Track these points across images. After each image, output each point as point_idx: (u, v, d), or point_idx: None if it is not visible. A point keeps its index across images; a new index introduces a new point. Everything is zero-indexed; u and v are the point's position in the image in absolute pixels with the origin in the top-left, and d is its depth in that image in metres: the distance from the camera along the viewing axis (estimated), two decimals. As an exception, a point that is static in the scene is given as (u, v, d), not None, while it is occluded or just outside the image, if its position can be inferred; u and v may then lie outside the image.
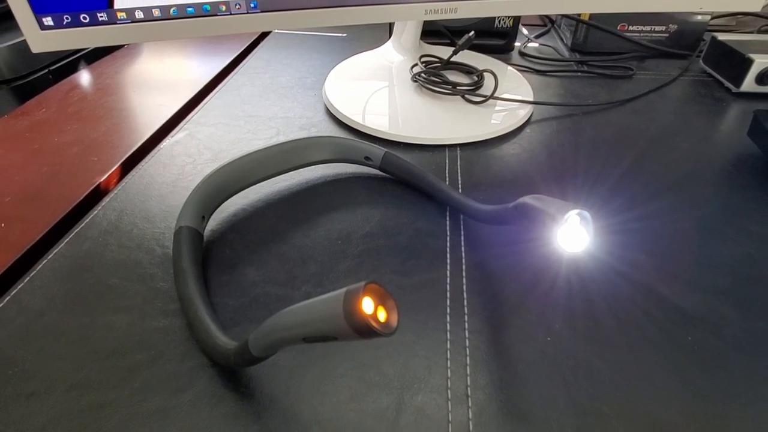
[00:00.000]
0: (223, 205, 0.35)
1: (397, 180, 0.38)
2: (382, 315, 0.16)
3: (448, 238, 0.32)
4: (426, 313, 0.27)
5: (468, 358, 0.25)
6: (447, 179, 0.38)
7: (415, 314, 0.27)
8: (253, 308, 0.27)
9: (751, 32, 0.60)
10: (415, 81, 0.47)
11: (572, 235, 0.23)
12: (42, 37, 0.33)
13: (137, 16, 0.34)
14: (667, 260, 0.31)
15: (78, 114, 0.47)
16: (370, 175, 0.38)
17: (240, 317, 0.27)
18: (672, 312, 0.28)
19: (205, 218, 0.31)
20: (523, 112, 0.46)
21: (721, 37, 0.55)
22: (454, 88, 0.46)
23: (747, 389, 0.24)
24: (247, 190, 0.36)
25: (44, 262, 0.30)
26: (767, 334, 0.26)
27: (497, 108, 0.46)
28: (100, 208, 0.35)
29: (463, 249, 0.32)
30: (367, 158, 0.37)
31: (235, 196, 0.36)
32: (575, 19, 0.61)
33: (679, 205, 0.36)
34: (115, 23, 0.34)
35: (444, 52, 0.50)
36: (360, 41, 0.63)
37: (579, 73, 0.57)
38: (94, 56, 0.64)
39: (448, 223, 0.34)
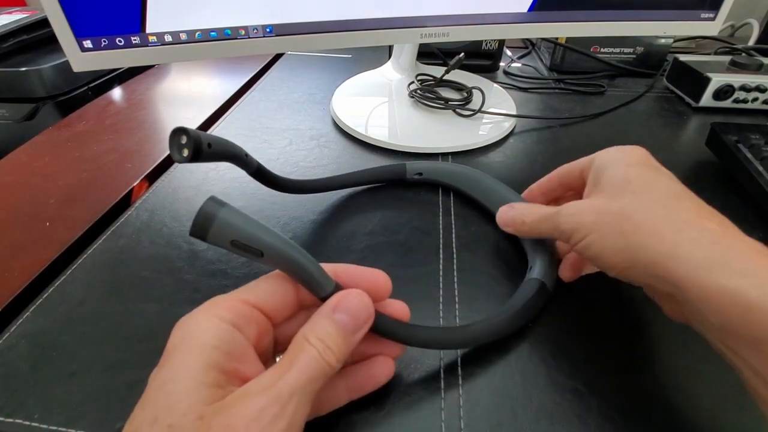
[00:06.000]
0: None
1: (394, 185, 0.38)
2: None
3: (440, 237, 0.32)
4: (421, 301, 0.27)
5: (458, 341, 0.25)
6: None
7: (413, 302, 0.27)
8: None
9: (709, 54, 0.60)
10: (412, 97, 0.47)
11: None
12: (82, 58, 0.33)
13: (166, 40, 0.34)
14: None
15: (114, 126, 0.47)
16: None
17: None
18: (640, 299, 0.28)
19: None
20: (507, 125, 0.46)
21: (683, 58, 0.55)
22: (446, 103, 0.46)
23: (713, 366, 0.24)
24: (265, 197, 0.36)
25: (84, 256, 0.30)
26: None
27: (484, 121, 0.46)
28: (133, 209, 0.35)
29: (454, 246, 0.32)
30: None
31: (252, 199, 0.36)
32: (553, 42, 0.61)
33: (645, 206, 0.36)
34: (147, 46, 0.34)
35: (437, 71, 0.50)
36: (363, 62, 0.63)
37: (557, 90, 0.57)
38: (128, 75, 0.64)
39: (441, 223, 0.34)
